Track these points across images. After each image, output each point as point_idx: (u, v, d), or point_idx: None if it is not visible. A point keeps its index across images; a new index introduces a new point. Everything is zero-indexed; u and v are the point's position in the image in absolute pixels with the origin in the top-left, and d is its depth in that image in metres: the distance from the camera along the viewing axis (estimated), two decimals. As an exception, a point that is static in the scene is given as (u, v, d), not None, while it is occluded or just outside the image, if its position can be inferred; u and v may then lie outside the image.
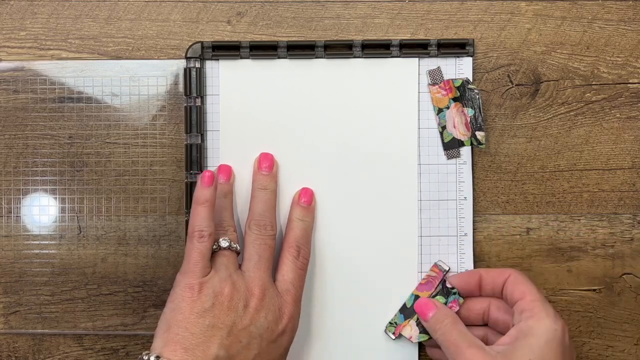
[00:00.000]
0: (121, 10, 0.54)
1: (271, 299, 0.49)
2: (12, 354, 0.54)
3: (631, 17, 0.54)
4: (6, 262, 0.54)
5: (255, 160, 0.53)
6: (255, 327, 0.47)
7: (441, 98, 0.53)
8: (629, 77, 0.54)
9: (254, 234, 0.50)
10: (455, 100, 0.53)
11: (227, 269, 0.49)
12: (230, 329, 0.46)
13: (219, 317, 0.46)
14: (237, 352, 0.46)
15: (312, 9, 0.54)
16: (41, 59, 0.54)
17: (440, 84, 0.53)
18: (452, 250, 0.54)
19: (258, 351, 0.47)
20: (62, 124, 0.54)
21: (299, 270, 0.51)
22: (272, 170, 0.53)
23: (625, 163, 0.54)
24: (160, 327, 0.47)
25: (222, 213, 0.52)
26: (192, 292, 0.47)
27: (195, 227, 0.49)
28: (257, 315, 0.48)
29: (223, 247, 0.50)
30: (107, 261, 0.54)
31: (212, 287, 0.47)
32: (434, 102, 0.53)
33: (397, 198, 0.54)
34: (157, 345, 0.46)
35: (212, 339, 0.46)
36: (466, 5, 0.54)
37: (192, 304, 0.47)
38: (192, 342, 0.45)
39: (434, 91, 0.53)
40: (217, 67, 0.53)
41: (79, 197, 0.54)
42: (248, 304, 0.48)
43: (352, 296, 0.54)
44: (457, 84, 0.53)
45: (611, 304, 0.54)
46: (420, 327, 0.53)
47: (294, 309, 0.50)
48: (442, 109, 0.53)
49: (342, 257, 0.54)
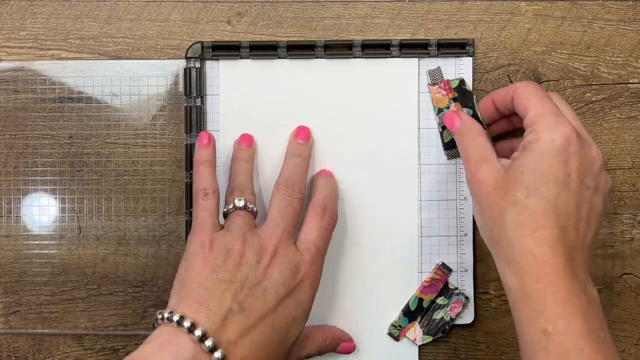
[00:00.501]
0: (121, 10, 0.54)
1: (286, 256, 0.47)
2: (12, 354, 0.54)
3: (631, 17, 0.54)
4: (6, 262, 0.54)
5: (292, 133, 0.53)
6: (270, 282, 0.46)
7: (441, 98, 0.53)
8: (629, 77, 0.54)
9: (280, 194, 0.49)
10: (455, 100, 0.53)
11: (241, 227, 0.48)
12: (244, 283, 0.45)
13: (231, 272, 0.45)
14: (251, 306, 0.45)
15: (312, 9, 0.54)
16: (41, 59, 0.54)
17: (440, 84, 0.53)
18: (452, 250, 0.54)
19: (274, 306, 0.45)
20: (62, 124, 0.54)
21: (323, 230, 0.49)
22: (308, 141, 0.52)
23: (625, 163, 0.54)
24: (174, 287, 0.46)
25: (242, 176, 0.51)
26: (204, 248, 0.46)
27: (199, 187, 0.49)
28: (271, 270, 0.46)
29: (239, 206, 0.49)
30: (107, 261, 0.54)
31: (223, 244, 0.47)
32: (434, 102, 0.53)
33: (397, 198, 0.54)
34: (171, 303, 0.45)
35: (226, 293, 0.45)
36: (466, 5, 0.54)
37: (205, 260, 0.46)
38: (206, 297, 0.44)
39: (434, 91, 0.53)
40: (217, 67, 0.53)
41: (79, 197, 0.54)
42: (261, 260, 0.46)
43: (351, 296, 0.54)
44: (454, 85, 0.53)
45: (611, 304, 0.54)
46: (424, 330, 0.53)
47: (312, 267, 0.48)
48: (442, 109, 0.53)
49: (342, 257, 0.54)
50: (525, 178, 0.44)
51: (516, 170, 0.44)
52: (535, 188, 0.43)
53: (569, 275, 0.42)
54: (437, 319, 0.53)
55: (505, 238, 0.44)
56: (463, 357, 0.54)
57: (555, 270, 0.42)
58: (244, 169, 0.51)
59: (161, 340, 0.43)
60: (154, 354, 0.42)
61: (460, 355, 0.54)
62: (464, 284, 0.54)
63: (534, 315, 0.42)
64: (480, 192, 0.46)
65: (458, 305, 0.53)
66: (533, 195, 0.43)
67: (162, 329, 0.43)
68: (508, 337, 0.54)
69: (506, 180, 0.45)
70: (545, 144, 0.44)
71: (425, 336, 0.53)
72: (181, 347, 0.42)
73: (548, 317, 0.41)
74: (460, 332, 0.54)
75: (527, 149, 0.45)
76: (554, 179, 0.43)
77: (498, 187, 0.45)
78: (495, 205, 0.45)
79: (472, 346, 0.54)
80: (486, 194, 0.45)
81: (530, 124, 0.45)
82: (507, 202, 0.44)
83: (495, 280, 0.54)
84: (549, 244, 0.42)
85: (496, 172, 0.45)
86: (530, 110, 0.46)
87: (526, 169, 0.44)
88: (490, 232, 0.45)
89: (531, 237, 0.43)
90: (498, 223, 0.44)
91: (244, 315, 0.44)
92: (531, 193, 0.43)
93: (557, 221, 0.43)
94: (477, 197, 0.46)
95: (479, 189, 0.46)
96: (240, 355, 0.43)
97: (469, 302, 0.54)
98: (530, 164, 0.44)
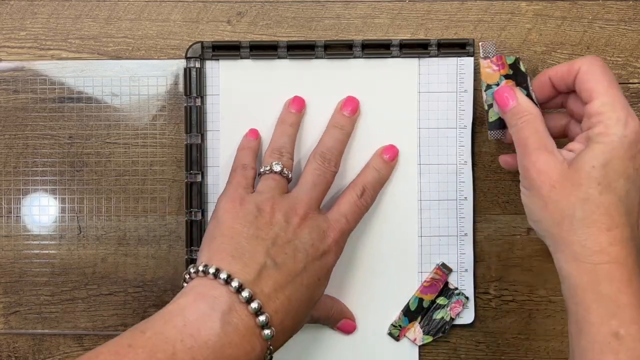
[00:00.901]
0: (121, 10, 0.54)
1: (316, 221, 0.47)
2: (12, 354, 0.54)
3: (631, 17, 0.54)
4: (6, 262, 0.54)
5: (339, 103, 0.52)
6: (300, 242, 0.46)
7: (492, 73, 0.50)
8: (630, 77, 0.54)
9: (316, 163, 0.49)
10: (508, 77, 0.49)
11: (272, 190, 0.48)
12: (275, 240, 0.45)
13: (262, 229, 0.45)
14: (284, 263, 0.45)
15: (312, 9, 0.54)
16: (41, 59, 0.54)
17: (492, 58, 0.50)
18: (452, 250, 0.54)
19: (304, 265, 0.45)
20: (62, 124, 0.54)
21: (357, 208, 0.49)
22: (354, 115, 0.52)
23: (626, 163, 0.54)
24: (204, 242, 0.46)
25: (284, 138, 0.51)
26: (234, 204, 0.46)
27: (239, 162, 0.50)
28: (301, 231, 0.46)
29: (275, 171, 0.49)
30: (107, 261, 0.54)
31: (254, 202, 0.46)
32: (483, 77, 0.50)
33: (397, 198, 0.54)
34: (203, 257, 0.45)
35: (258, 248, 0.44)
36: (466, 5, 0.54)
37: (235, 215, 0.46)
38: (239, 250, 0.44)
39: (485, 65, 0.50)
40: (217, 67, 0.53)
41: (79, 197, 0.54)
42: (290, 221, 0.46)
43: (351, 296, 0.54)
44: (510, 62, 0.50)
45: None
46: (424, 330, 0.53)
47: (340, 236, 0.48)
48: (491, 85, 0.50)
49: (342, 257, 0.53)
50: (597, 173, 0.42)
51: (586, 164, 0.42)
52: (608, 184, 0.42)
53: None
54: (437, 319, 0.53)
55: (575, 235, 0.42)
56: (463, 357, 0.54)
57: (628, 270, 0.41)
58: (288, 132, 0.51)
59: (196, 292, 0.42)
60: (190, 306, 0.41)
61: (460, 355, 0.54)
62: (464, 284, 0.54)
63: (606, 316, 0.41)
64: (543, 184, 0.43)
65: (458, 305, 0.53)
66: (606, 191, 0.42)
67: (196, 281, 0.43)
68: (508, 337, 0.54)
69: (574, 175, 0.43)
70: (617, 138, 0.42)
71: (425, 336, 0.53)
72: (218, 299, 0.42)
73: (622, 319, 0.40)
74: (460, 332, 0.54)
75: (595, 141, 0.43)
76: (625, 175, 0.42)
77: (565, 181, 0.43)
78: (562, 200, 0.43)
79: (472, 346, 0.54)
80: (550, 187, 0.43)
81: (596, 114, 0.43)
82: (577, 198, 0.42)
83: (495, 281, 0.54)
84: (622, 243, 0.41)
85: (559, 164, 0.43)
86: (597, 98, 0.43)
87: (597, 163, 0.42)
88: (556, 229, 0.43)
89: (606, 236, 0.42)
90: (567, 219, 0.42)
91: (278, 270, 0.44)
92: (604, 189, 0.42)
93: (628, 219, 0.42)
94: (540, 189, 0.44)
95: (542, 181, 0.44)
96: (274, 308, 0.43)
97: (469, 302, 0.54)
98: (601, 159, 0.42)
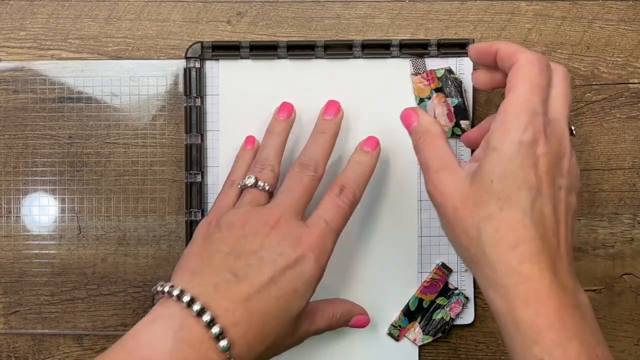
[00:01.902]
0: (121, 10, 0.54)
1: (289, 228, 0.45)
2: (12, 354, 0.54)
3: (631, 17, 0.54)
4: (6, 262, 0.54)
5: (321, 110, 0.52)
6: (267, 252, 0.44)
7: (423, 88, 0.53)
8: (630, 77, 0.54)
9: (293, 170, 0.48)
10: (437, 90, 0.53)
11: (247, 204, 0.47)
12: (239, 252, 0.44)
13: (226, 243, 0.45)
14: (246, 275, 0.43)
15: (312, 9, 0.54)
16: (41, 59, 0.54)
17: (422, 73, 0.53)
18: (452, 250, 0.54)
19: (272, 275, 0.43)
20: (62, 124, 0.54)
21: (337, 207, 0.47)
22: (336, 117, 0.51)
23: (626, 163, 0.54)
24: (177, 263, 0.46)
25: (267, 150, 0.50)
26: (210, 225, 0.47)
27: (230, 177, 0.50)
28: (269, 240, 0.44)
29: (249, 185, 0.48)
30: (107, 261, 0.54)
31: (227, 220, 0.46)
32: (416, 92, 0.53)
33: (397, 198, 0.54)
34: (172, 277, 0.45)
35: (219, 262, 0.44)
36: (466, 5, 0.54)
37: (206, 233, 0.46)
38: (199, 266, 0.44)
39: (417, 81, 0.53)
40: (217, 67, 0.53)
41: (79, 197, 0.54)
42: (260, 231, 0.45)
43: (351, 296, 0.54)
44: (439, 75, 0.53)
45: (611, 304, 0.54)
46: (424, 330, 0.53)
47: (318, 241, 0.45)
48: (424, 99, 0.53)
49: (342, 257, 0.53)
50: (496, 188, 0.39)
51: (484, 179, 0.40)
52: (508, 198, 0.39)
53: (558, 290, 0.38)
54: (437, 319, 0.53)
55: (485, 257, 0.39)
56: (463, 357, 0.54)
57: (543, 288, 0.38)
58: (272, 143, 0.50)
59: (154, 314, 0.42)
60: (145, 328, 0.41)
61: (460, 355, 0.54)
62: (464, 284, 0.54)
63: (529, 344, 0.38)
64: (446, 207, 0.41)
65: (458, 306, 0.53)
66: (507, 206, 0.39)
67: (158, 302, 0.43)
68: (508, 337, 0.54)
69: (474, 192, 0.40)
70: (513, 145, 0.39)
71: (425, 336, 0.53)
72: (172, 316, 0.41)
73: (543, 345, 0.38)
74: (460, 332, 0.54)
75: (492, 148, 0.40)
76: (526, 186, 0.39)
77: (466, 201, 0.40)
78: (466, 221, 0.40)
79: (472, 346, 0.54)
80: (454, 210, 0.41)
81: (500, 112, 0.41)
82: (480, 218, 0.40)
83: (495, 281, 0.54)
84: (532, 259, 0.38)
85: (460, 182, 0.41)
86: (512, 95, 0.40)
87: (495, 177, 0.39)
88: (466, 253, 0.41)
89: (512, 254, 0.39)
90: (474, 242, 0.40)
91: (238, 283, 0.43)
92: (504, 204, 0.39)
93: (536, 231, 0.39)
94: (444, 213, 0.41)
95: (444, 203, 0.41)
96: (233, 321, 0.41)
97: (469, 302, 0.54)
98: (497, 171, 0.39)
